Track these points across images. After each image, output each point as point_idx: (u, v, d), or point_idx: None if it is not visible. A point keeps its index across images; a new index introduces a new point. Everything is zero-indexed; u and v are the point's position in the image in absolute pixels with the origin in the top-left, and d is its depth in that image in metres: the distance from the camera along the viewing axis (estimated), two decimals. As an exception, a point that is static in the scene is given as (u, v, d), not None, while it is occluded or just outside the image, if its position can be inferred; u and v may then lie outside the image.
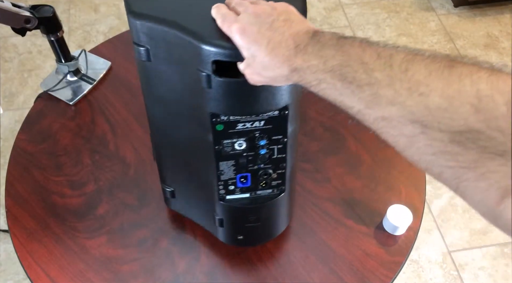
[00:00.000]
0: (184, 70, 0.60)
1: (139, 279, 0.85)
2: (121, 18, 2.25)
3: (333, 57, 0.44)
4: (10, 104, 1.96)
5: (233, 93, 0.60)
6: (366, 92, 0.41)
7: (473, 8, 2.32)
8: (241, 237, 0.84)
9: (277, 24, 0.50)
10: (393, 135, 0.41)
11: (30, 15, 0.98)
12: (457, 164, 0.36)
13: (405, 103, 0.38)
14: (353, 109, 0.44)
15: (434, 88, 0.37)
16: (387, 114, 0.40)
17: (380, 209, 0.94)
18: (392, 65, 0.40)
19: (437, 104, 0.36)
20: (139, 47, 0.62)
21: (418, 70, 0.38)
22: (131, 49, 1.29)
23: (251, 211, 0.77)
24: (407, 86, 0.38)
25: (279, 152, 0.70)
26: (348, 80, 0.43)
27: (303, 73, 0.47)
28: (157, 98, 0.69)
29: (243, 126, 0.64)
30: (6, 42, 2.17)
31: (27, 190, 0.96)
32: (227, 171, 0.70)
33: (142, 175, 0.98)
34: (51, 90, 1.11)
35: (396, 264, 0.87)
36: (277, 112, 0.64)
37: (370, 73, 0.41)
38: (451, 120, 0.36)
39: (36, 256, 0.88)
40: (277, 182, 0.74)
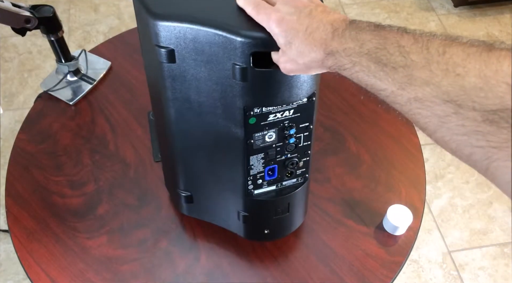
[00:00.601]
0: (215, 67, 0.60)
1: (139, 279, 0.85)
2: (121, 18, 2.25)
3: (369, 41, 0.45)
4: (10, 104, 1.96)
5: (268, 84, 0.60)
6: (400, 74, 0.42)
7: (473, 8, 2.32)
8: (267, 231, 0.84)
9: (315, 12, 0.51)
10: (425, 116, 0.41)
11: (30, 15, 0.98)
12: (488, 143, 0.36)
13: (441, 83, 0.39)
14: (385, 91, 0.44)
15: (471, 68, 0.37)
16: (420, 94, 0.40)
17: (380, 209, 0.94)
18: (429, 48, 0.41)
19: (473, 84, 0.37)
20: (162, 49, 0.60)
21: (456, 53, 0.39)
22: (131, 49, 1.30)
23: (278, 203, 0.78)
24: (444, 67, 0.39)
25: (305, 140, 0.71)
26: (383, 62, 0.44)
27: (339, 55, 0.48)
28: (177, 99, 0.68)
29: (274, 117, 0.65)
30: (6, 42, 2.17)
31: (27, 190, 0.96)
32: (256, 165, 0.71)
33: (142, 175, 0.98)
34: (51, 90, 1.11)
35: (396, 264, 0.87)
36: (306, 100, 0.65)
37: (406, 56, 0.42)
38: (486, 99, 0.36)
39: (36, 256, 0.88)
40: (301, 170, 0.75)
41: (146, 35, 0.63)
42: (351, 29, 0.48)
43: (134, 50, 1.20)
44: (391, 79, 0.43)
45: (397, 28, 0.45)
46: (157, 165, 1.00)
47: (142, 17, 0.61)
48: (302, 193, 0.80)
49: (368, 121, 1.08)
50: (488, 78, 0.36)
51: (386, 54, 0.44)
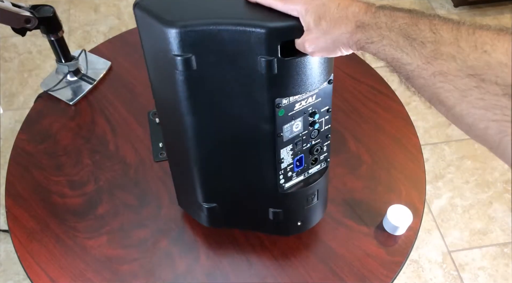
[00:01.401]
0: (240, 64, 0.60)
1: (139, 279, 0.85)
2: (121, 18, 2.25)
3: (402, 17, 0.47)
4: (10, 104, 1.96)
5: (296, 72, 0.61)
6: (428, 49, 0.43)
7: (473, 8, 2.32)
8: (299, 224, 0.84)
9: None
10: (447, 90, 0.42)
11: (30, 15, 0.98)
12: (503, 118, 0.37)
13: (467, 57, 0.40)
14: (411, 66, 0.45)
15: (499, 46, 0.39)
16: (445, 68, 0.42)
17: (380, 209, 0.94)
18: (460, 28, 0.42)
19: (499, 60, 0.38)
20: (180, 57, 0.59)
21: (485, 34, 0.40)
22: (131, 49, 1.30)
23: (308, 192, 0.79)
24: (472, 44, 0.40)
25: (326, 124, 0.72)
26: (412, 37, 0.45)
27: (369, 28, 0.49)
28: (201, 108, 0.66)
29: (299, 106, 0.66)
30: (6, 42, 2.17)
31: (27, 190, 0.96)
32: (286, 157, 0.71)
33: (142, 175, 0.98)
34: (51, 90, 1.11)
35: (396, 264, 0.87)
36: (326, 84, 0.66)
37: (436, 32, 0.43)
38: (509, 74, 0.37)
39: (36, 256, 0.88)
40: (324, 155, 0.76)
41: (155, 46, 0.62)
42: (385, 7, 0.50)
43: (134, 50, 1.20)
44: (418, 53, 0.44)
45: (430, 14, 0.47)
46: (157, 165, 1.00)
47: (152, 28, 0.59)
48: (326, 178, 0.81)
49: (368, 121, 1.08)
50: None
51: (417, 30, 0.45)
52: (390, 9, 0.49)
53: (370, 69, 1.18)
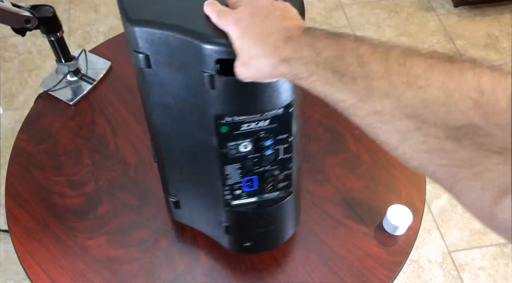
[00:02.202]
0: (187, 73, 0.60)
1: (139, 279, 0.85)
2: (121, 18, 2.25)
3: (326, 49, 0.43)
4: (10, 104, 1.96)
5: (237, 92, 0.59)
6: (359, 85, 0.40)
7: (473, 8, 2.32)
8: (248, 244, 0.82)
9: (272, 17, 0.50)
10: (385, 131, 0.39)
11: (30, 15, 0.98)
12: (451, 162, 0.35)
13: (401, 96, 0.37)
14: (344, 103, 0.42)
15: (434, 81, 0.35)
16: (380, 107, 0.38)
17: (380, 209, 0.94)
18: (389, 58, 0.39)
19: (436, 97, 0.35)
20: (138, 54, 0.60)
21: (417, 64, 0.37)
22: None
23: (259, 216, 0.75)
24: (405, 79, 0.37)
25: (285, 152, 0.68)
26: (341, 72, 0.41)
27: (294, 63, 0.45)
28: (158, 105, 0.68)
29: (247, 127, 0.63)
30: (6, 42, 2.17)
31: (27, 190, 0.96)
32: (233, 175, 0.69)
33: (142, 175, 0.98)
34: (51, 90, 1.11)
35: (396, 264, 0.87)
36: (282, 110, 0.63)
37: (365, 66, 0.40)
38: (449, 114, 0.34)
39: (36, 256, 0.88)
40: (284, 183, 0.72)
41: (128, 41, 0.63)
42: (307, 36, 0.46)
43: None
44: (350, 90, 0.41)
45: (354, 37, 0.43)
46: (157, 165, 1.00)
47: (124, 23, 0.61)
48: (287, 207, 0.77)
49: (368, 121, 1.08)
50: (451, 92, 0.34)
51: (344, 64, 0.41)
52: (313, 37, 0.45)
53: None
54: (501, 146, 0.32)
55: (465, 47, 2.17)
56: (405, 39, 2.19)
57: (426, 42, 2.18)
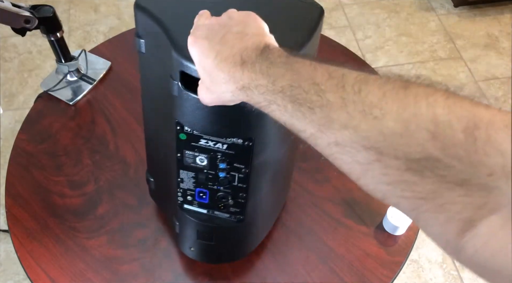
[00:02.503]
0: (164, 71, 0.60)
1: (139, 279, 0.85)
2: (121, 18, 2.25)
3: (282, 77, 0.42)
4: (10, 104, 1.96)
5: (197, 109, 0.58)
6: (318, 115, 0.39)
7: (473, 8, 2.32)
8: (192, 249, 0.82)
9: (228, 36, 0.48)
10: (347, 162, 0.38)
11: (30, 15, 0.98)
12: (414, 194, 0.34)
13: (359, 127, 0.36)
14: (305, 133, 0.41)
15: (388, 111, 0.35)
16: (340, 139, 0.37)
17: (380, 209, 0.94)
18: (345, 86, 0.38)
19: (392, 129, 0.34)
20: (137, 38, 0.65)
21: (372, 91, 0.36)
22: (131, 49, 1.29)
23: (204, 228, 0.75)
24: (361, 108, 0.36)
25: (239, 181, 0.67)
26: (299, 101, 0.40)
27: (251, 93, 0.44)
28: (147, 90, 0.71)
29: (205, 143, 0.63)
30: (6, 42, 2.17)
31: (27, 190, 0.96)
32: (187, 181, 0.69)
33: (142, 175, 0.98)
34: (51, 90, 1.11)
35: (396, 264, 0.87)
36: (241, 141, 0.61)
37: (322, 95, 0.38)
38: (408, 146, 0.33)
39: (36, 256, 0.88)
40: (235, 209, 0.71)
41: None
42: (261, 61, 0.44)
43: (134, 50, 1.20)
44: (309, 120, 0.39)
45: (310, 60, 0.42)
46: (157, 165, 1.00)
47: None
48: (235, 231, 0.76)
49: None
50: (407, 123, 0.33)
51: (302, 93, 0.40)
52: (267, 63, 0.43)
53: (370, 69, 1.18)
54: (462, 178, 0.31)
55: (465, 47, 2.17)
56: (405, 39, 2.19)
57: (426, 42, 2.18)
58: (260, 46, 0.46)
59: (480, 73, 2.08)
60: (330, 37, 1.24)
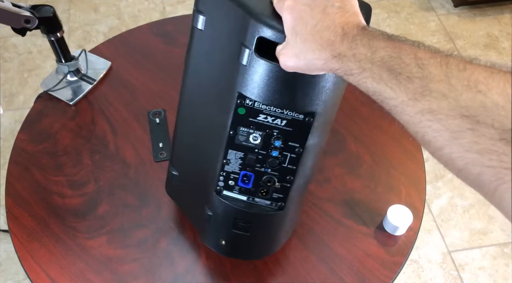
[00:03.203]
0: (230, 43, 0.60)
1: (139, 279, 0.85)
2: (121, 18, 2.25)
3: (383, 49, 0.43)
4: (10, 104, 1.96)
5: (266, 77, 0.58)
6: (415, 84, 0.40)
7: (473, 8, 2.32)
8: (223, 243, 0.79)
9: (330, 10, 0.49)
10: (435, 130, 0.39)
11: (30, 15, 0.98)
12: (500, 164, 0.34)
13: (460, 97, 0.37)
14: (395, 100, 0.42)
15: (494, 86, 0.36)
16: (435, 106, 0.38)
17: (380, 209, 0.94)
18: (449, 63, 0.39)
19: (495, 102, 0.35)
20: (198, 14, 0.63)
21: (477, 70, 0.37)
22: (131, 49, 1.30)
23: (242, 216, 0.72)
24: (465, 83, 0.37)
25: (290, 162, 0.66)
26: (397, 71, 0.41)
27: (347, 60, 0.45)
28: (194, 69, 0.69)
29: (264, 119, 0.62)
30: (6, 42, 2.17)
31: (27, 190, 0.96)
32: (233, 163, 0.67)
33: (142, 175, 0.98)
34: (51, 90, 1.11)
35: (396, 264, 0.87)
36: (302, 116, 0.61)
37: (424, 68, 0.40)
38: (507, 118, 0.34)
39: (36, 256, 0.88)
40: (278, 195, 0.70)
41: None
42: (363, 35, 0.45)
43: (134, 50, 1.20)
44: (404, 88, 0.41)
45: (412, 41, 0.44)
46: (157, 165, 1.00)
47: None
48: (274, 220, 0.74)
49: (368, 121, 1.08)
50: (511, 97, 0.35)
51: (401, 64, 0.41)
52: (369, 36, 0.45)
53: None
54: None
55: (465, 47, 2.17)
56: (405, 39, 2.19)
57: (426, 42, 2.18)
58: (360, 24, 0.48)
59: (480, 73, 2.08)
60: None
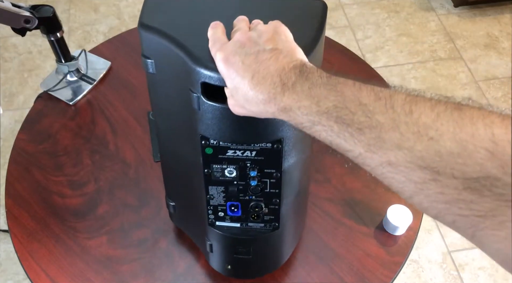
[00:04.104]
0: (181, 87, 0.58)
1: (139, 279, 0.85)
2: (121, 18, 2.25)
3: (326, 98, 0.41)
4: (10, 104, 1.96)
5: (221, 119, 0.57)
6: (367, 135, 0.38)
7: (473, 8, 2.32)
8: (229, 267, 0.81)
9: (262, 56, 0.46)
10: (400, 181, 0.38)
11: (30, 15, 0.98)
12: (472, 212, 0.33)
13: (414, 147, 0.36)
14: (353, 153, 0.40)
15: (444, 131, 0.35)
16: (393, 158, 0.37)
17: (380, 209, 0.94)
18: (394, 106, 0.37)
19: (449, 149, 0.34)
20: (145, 59, 0.61)
21: (424, 112, 0.36)
22: (131, 49, 1.30)
23: (241, 242, 0.74)
24: (415, 129, 0.36)
25: (271, 187, 0.66)
26: (346, 122, 0.39)
27: (293, 113, 0.43)
28: (160, 109, 0.68)
29: (233, 153, 0.61)
30: (6, 42, 2.17)
31: (27, 190, 0.96)
32: (216, 196, 0.68)
33: (142, 175, 0.98)
34: (51, 90, 1.11)
35: (396, 264, 0.87)
36: (270, 145, 0.60)
37: (371, 116, 0.38)
38: (465, 166, 0.33)
39: (36, 256, 0.88)
40: (269, 217, 0.70)
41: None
42: (302, 81, 0.43)
43: (134, 50, 1.20)
44: (358, 140, 0.39)
45: (352, 81, 0.41)
46: (157, 165, 1.00)
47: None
48: (271, 240, 0.75)
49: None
50: (464, 143, 0.34)
51: (348, 113, 0.39)
52: (309, 83, 0.42)
53: (370, 69, 1.18)
54: None
55: (465, 47, 2.17)
56: (405, 39, 2.19)
57: (426, 42, 2.18)
58: (297, 65, 0.45)
59: (480, 73, 2.08)
60: (330, 37, 1.24)
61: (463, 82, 2.05)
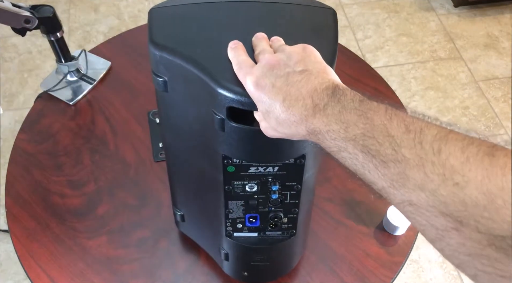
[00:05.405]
0: (200, 108, 0.57)
1: (139, 279, 0.85)
2: (121, 18, 2.25)
3: (355, 124, 0.40)
4: (10, 104, 1.96)
5: (246, 140, 0.56)
6: (391, 170, 0.37)
7: (473, 8, 2.32)
8: (246, 274, 0.81)
9: (293, 78, 0.45)
10: (421, 224, 0.36)
11: (30, 15, 0.98)
12: (495, 271, 0.31)
13: (437, 191, 0.33)
14: (376, 185, 0.39)
15: (472, 178, 0.32)
16: (415, 199, 0.35)
17: (380, 209, 0.94)
18: (422, 142, 0.35)
19: (475, 200, 0.31)
20: (157, 78, 0.59)
21: (453, 153, 0.33)
22: (131, 49, 1.30)
23: (258, 251, 0.74)
24: (440, 171, 0.33)
25: (291, 198, 0.66)
26: (371, 153, 0.38)
27: (322, 137, 0.43)
28: (172, 128, 0.67)
29: (255, 170, 0.61)
30: (6, 42, 2.17)
31: (27, 190, 0.96)
32: (236, 210, 0.68)
33: (142, 175, 0.98)
34: (51, 90, 1.11)
35: (396, 264, 0.87)
36: (293, 160, 0.60)
37: (397, 149, 0.36)
38: (492, 221, 0.31)
39: (36, 256, 0.88)
40: (287, 225, 0.71)
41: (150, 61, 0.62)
42: (334, 104, 0.42)
43: (134, 50, 1.20)
44: (381, 174, 0.38)
45: (385, 107, 0.40)
46: (157, 165, 1.00)
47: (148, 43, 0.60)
48: (287, 247, 0.76)
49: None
50: (493, 196, 0.31)
51: (375, 143, 0.38)
52: (339, 107, 0.41)
53: (370, 69, 1.18)
54: None
55: (465, 47, 2.17)
56: (405, 39, 2.19)
57: (426, 42, 2.18)
58: (330, 86, 0.44)
59: (480, 73, 2.08)
60: (330, 37, 1.23)
61: (463, 82, 2.05)
